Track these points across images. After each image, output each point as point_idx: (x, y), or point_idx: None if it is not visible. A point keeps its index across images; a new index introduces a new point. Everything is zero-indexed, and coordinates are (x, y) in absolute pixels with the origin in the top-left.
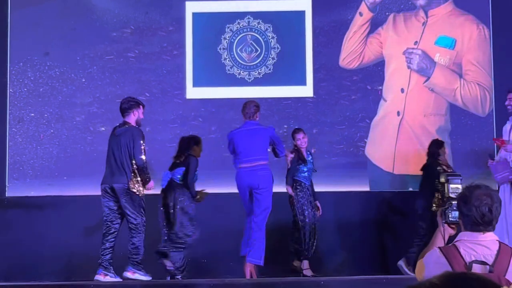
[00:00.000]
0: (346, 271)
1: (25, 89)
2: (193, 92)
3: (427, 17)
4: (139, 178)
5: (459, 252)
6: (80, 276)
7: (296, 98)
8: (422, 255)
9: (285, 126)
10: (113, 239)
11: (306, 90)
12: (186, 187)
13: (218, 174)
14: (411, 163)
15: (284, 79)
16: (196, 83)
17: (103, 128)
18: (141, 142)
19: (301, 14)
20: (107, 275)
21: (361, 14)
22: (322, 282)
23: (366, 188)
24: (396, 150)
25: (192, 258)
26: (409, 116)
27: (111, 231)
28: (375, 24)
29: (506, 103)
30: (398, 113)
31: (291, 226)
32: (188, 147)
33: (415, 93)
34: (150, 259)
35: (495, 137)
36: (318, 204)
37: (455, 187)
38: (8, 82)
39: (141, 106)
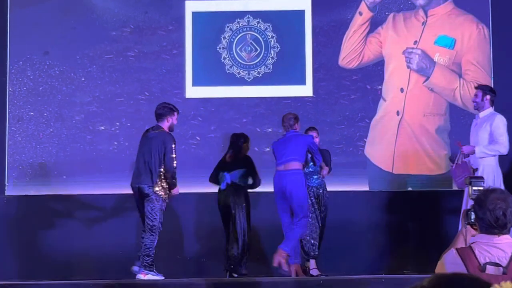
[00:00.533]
0: (344, 270)
1: (25, 88)
2: (192, 92)
3: (426, 16)
4: (164, 183)
5: (474, 254)
6: (80, 275)
7: (296, 98)
8: (452, 246)
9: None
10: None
11: (305, 90)
12: (247, 187)
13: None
14: (411, 163)
15: (283, 79)
16: (195, 83)
17: (102, 127)
18: (173, 148)
19: (301, 13)
20: (147, 274)
21: (360, 14)
22: (321, 282)
23: (366, 188)
24: (395, 149)
25: (190, 257)
26: (408, 115)
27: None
28: (374, 24)
29: (473, 99)
30: (398, 113)
31: None
32: (241, 146)
33: (414, 93)
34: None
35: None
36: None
37: (477, 190)
38: (7, 81)
39: (175, 113)
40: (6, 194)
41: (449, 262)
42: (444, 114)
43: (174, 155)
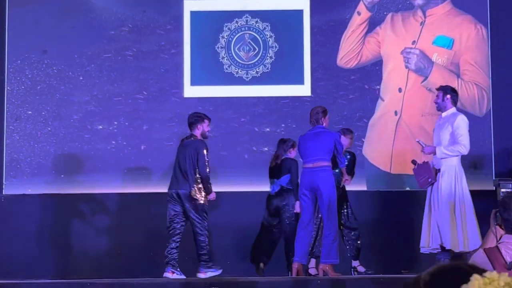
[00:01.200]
0: (341, 270)
1: (23, 87)
2: (191, 91)
3: (425, 16)
4: (201, 186)
5: (501, 253)
6: (77, 274)
7: (294, 97)
8: (481, 246)
9: (283, 125)
10: (178, 239)
11: (303, 89)
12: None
13: (215, 173)
14: (409, 163)
15: (281, 78)
16: (194, 82)
17: (100, 126)
18: (205, 154)
19: (299, 13)
20: (174, 272)
21: (359, 14)
22: (318, 281)
23: (363, 188)
24: (393, 149)
25: (189, 257)
26: (406, 115)
27: (177, 232)
28: (373, 24)
29: (434, 100)
30: (396, 113)
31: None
32: (285, 150)
33: (412, 93)
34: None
35: (492, 137)
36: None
37: (505, 192)
38: (5, 80)
39: (206, 120)
40: (3, 193)
41: (478, 262)
42: None
43: (207, 161)
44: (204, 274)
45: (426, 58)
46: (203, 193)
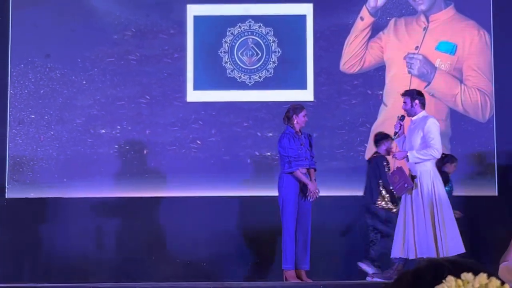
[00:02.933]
0: (344, 276)
1: (26, 91)
2: (193, 95)
3: (428, 22)
4: (384, 194)
5: None
6: (78, 278)
7: (297, 102)
8: (503, 259)
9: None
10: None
11: (306, 94)
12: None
13: (217, 178)
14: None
15: (284, 83)
16: (196, 86)
17: (103, 131)
18: (384, 167)
19: (302, 18)
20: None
21: (362, 19)
22: (321, 287)
23: None
24: None
25: (191, 261)
26: (409, 121)
27: (376, 238)
28: (376, 29)
29: (403, 107)
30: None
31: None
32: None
33: None
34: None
35: (495, 143)
36: None
37: None
38: (9, 84)
39: (389, 139)
40: (6, 197)
41: None
42: (445, 120)
43: (386, 171)
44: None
45: (429, 64)
46: (386, 201)
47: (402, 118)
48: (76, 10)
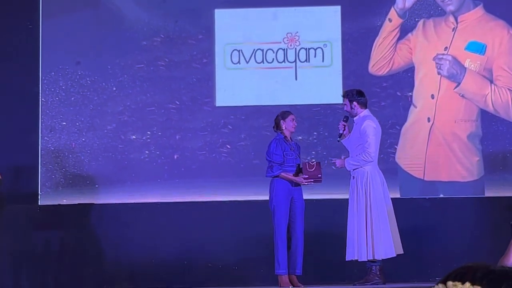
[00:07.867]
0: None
1: (57, 98)
2: (222, 100)
3: (457, 22)
4: None
5: None
6: (112, 284)
7: (326, 105)
8: (501, 263)
9: (315, 133)
10: None
11: (335, 97)
12: None
13: (247, 182)
14: (442, 170)
15: (313, 86)
16: (225, 91)
17: (134, 137)
18: None
19: (330, 21)
20: None
21: (390, 20)
22: None
23: (397, 195)
24: (426, 156)
25: (222, 266)
26: (439, 122)
27: None
28: (404, 30)
29: (344, 108)
30: (428, 119)
31: None
32: None
33: (445, 99)
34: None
35: None
36: None
37: None
38: (40, 91)
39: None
40: (39, 204)
41: None
42: (475, 120)
43: None
44: None
45: (459, 64)
46: None
47: (345, 119)
48: (105, 17)
